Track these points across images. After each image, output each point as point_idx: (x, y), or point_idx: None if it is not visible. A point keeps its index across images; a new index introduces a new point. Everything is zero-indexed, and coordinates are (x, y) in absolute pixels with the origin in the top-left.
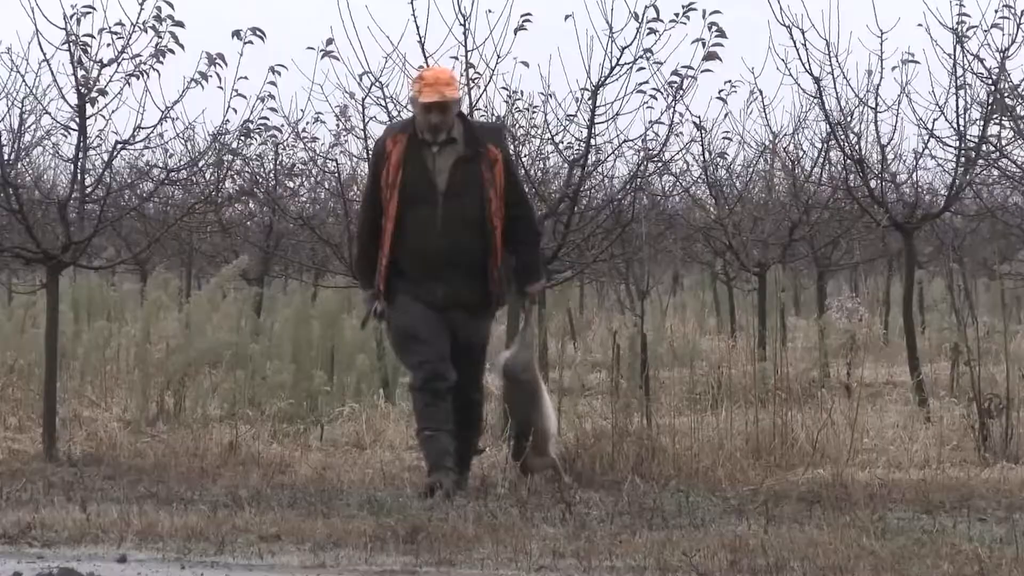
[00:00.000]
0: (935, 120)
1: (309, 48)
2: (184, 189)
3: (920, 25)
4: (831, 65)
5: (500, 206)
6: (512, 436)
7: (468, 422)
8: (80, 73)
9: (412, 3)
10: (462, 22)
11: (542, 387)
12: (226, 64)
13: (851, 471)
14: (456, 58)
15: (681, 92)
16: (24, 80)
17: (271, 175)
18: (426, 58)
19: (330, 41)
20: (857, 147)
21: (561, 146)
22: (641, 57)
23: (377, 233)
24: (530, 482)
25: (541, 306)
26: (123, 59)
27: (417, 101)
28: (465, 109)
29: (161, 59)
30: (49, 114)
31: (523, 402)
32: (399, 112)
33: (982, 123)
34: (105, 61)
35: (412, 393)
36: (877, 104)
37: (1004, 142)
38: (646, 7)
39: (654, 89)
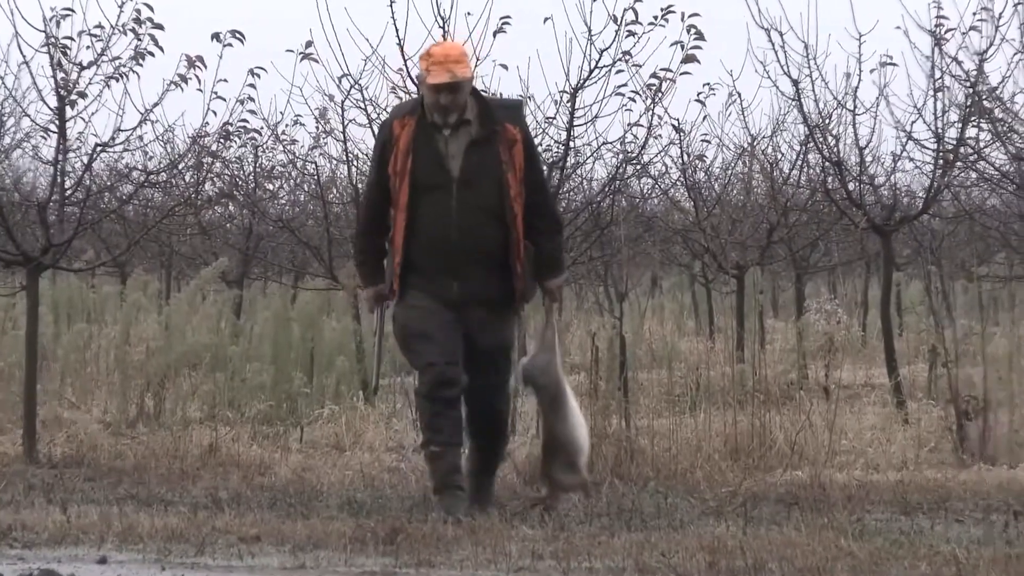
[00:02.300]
0: (913, 122)
1: (288, 51)
2: (164, 191)
3: (898, 28)
4: (809, 68)
5: (520, 191)
6: (541, 449)
7: (491, 433)
8: (60, 75)
9: (391, 5)
10: (441, 25)
11: (566, 393)
12: (205, 67)
13: (829, 473)
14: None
15: (660, 95)
16: (3, 82)
17: (251, 177)
18: (405, 61)
19: (309, 44)
20: (835, 149)
21: (540, 148)
22: (620, 60)
23: (384, 223)
24: (558, 503)
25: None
26: (103, 61)
27: (425, 81)
28: None
29: (141, 61)
30: (29, 116)
31: (544, 410)
32: (378, 115)
33: (960, 125)
34: (85, 63)
35: (418, 399)
36: (855, 106)
37: (982, 144)
38: (625, 10)
39: (633, 91)
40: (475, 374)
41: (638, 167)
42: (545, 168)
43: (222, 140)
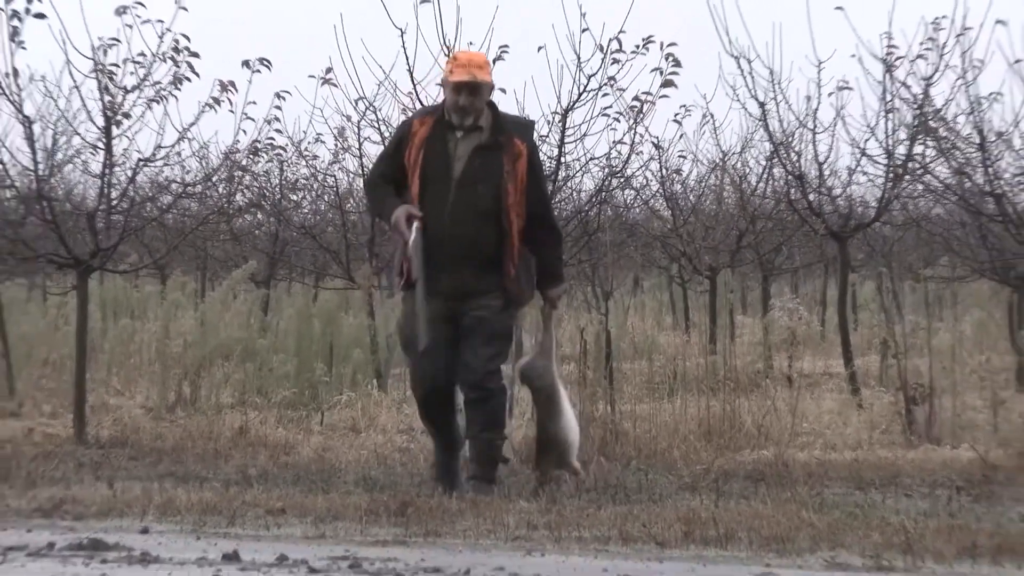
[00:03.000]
0: (867, 140)
1: (311, 76)
2: (199, 202)
3: (853, 56)
4: (774, 91)
5: (519, 201)
6: (535, 444)
7: (485, 419)
8: (106, 98)
9: (402, 36)
10: (447, 53)
11: (561, 395)
12: (236, 90)
13: (792, 452)
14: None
15: (641, 115)
16: (56, 105)
17: (277, 189)
18: (415, 85)
19: (329, 70)
20: (797, 164)
21: None
22: (606, 84)
23: (389, 180)
24: (548, 489)
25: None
26: (145, 86)
27: (448, 81)
28: None
29: (179, 86)
30: (79, 135)
31: (540, 410)
32: (391, 134)
33: (908, 143)
34: (129, 88)
35: (413, 392)
36: (815, 126)
37: (928, 160)
38: (610, 40)
39: (617, 113)
40: (464, 352)
41: (622, 180)
42: None
43: (251, 156)
